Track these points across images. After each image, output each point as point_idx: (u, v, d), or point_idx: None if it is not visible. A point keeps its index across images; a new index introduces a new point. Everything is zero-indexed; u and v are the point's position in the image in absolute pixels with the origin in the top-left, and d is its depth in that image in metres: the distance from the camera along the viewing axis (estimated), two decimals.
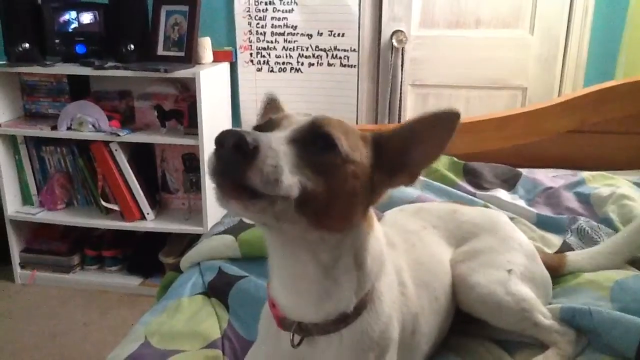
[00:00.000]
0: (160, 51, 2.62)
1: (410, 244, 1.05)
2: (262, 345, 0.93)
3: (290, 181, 0.65)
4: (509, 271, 1.07)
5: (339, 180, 0.71)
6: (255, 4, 2.66)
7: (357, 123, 2.71)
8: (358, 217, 0.77)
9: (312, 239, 0.74)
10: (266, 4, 2.65)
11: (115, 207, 2.67)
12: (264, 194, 0.64)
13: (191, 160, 2.68)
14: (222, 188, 0.65)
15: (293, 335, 0.82)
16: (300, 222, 0.69)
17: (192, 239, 2.79)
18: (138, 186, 2.63)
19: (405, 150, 0.77)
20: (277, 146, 0.66)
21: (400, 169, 0.78)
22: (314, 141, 0.71)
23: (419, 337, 0.97)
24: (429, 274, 1.03)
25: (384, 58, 2.66)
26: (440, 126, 0.74)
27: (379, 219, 1.09)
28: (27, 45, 2.56)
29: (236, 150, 0.62)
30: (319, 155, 0.70)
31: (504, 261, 1.09)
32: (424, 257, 1.05)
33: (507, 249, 1.12)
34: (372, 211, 0.82)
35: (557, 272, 1.25)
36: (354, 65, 2.67)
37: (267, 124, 0.77)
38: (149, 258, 2.77)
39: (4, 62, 2.58)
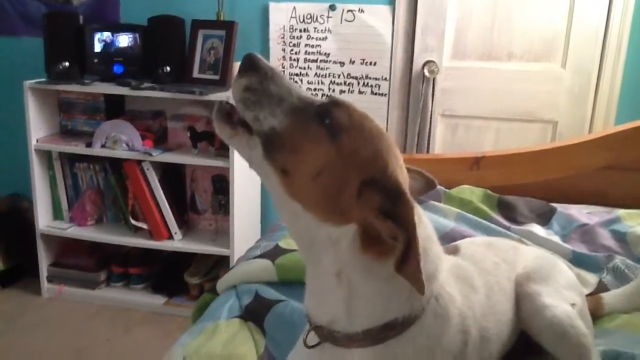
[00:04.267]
0: (195, 74, 2.68)
1: (489, 287, 1.01)
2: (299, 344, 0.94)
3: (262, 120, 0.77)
4: (573, 305, 1.06)
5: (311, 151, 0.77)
6: (290, 31, 2.71)
7: None
8: (324, 215, 0.77)
9: (284, 198, 0.78)
10: (301, 31, 2.70)
11: (144, 226, 2.70)
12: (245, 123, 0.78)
13: (221, 182, 2.71)
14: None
15: (308, 332, 0.86)
16: (265, 165, 0.78)
17: (217, 260, 2.81)
18: (168, 206, 2.66)
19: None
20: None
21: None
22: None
23: None
24: (500, 324, 0.99)
25: (415, 88, 2.69)
26: None
27: (455, 250, 1.09)
28: (67, 64, 2.63)
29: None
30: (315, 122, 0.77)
31: (567, 294, 1.08)
32: (499, 304, 1.00)
33: (567, 285, 1.11)
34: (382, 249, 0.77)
35: (595, 315, 1.23)
36: (385, 94, 2.69)
37: None
38: (174, 277, 2.79)
39: (45, 80, 2.65)
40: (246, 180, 2.65)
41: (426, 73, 2.61)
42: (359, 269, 0.78)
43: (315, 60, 2.73)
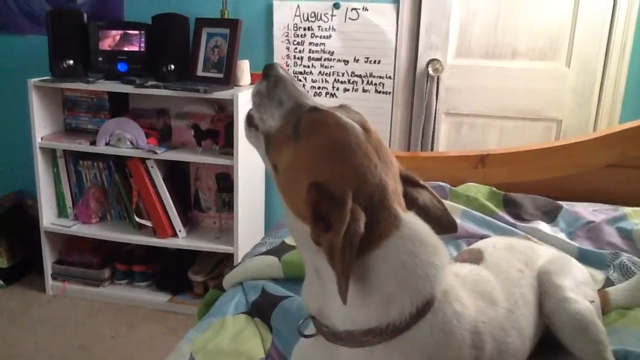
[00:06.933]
0: (199, 72, 2.68)
1: (513, 301, 0.99)
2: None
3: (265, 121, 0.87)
4: (592, 302, 1.06)
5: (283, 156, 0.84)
6: (294, 29, 2.71)
7: None
8: (296, 214, 0.83)
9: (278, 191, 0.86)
10: (305, 29, 2.70)
11: (148, 223, 2.71)
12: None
13: (225, 180, 2.71)
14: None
15: (303, 320, 0.91)
16: (266, 160, 0.88)
17: (221, 258, 2.82)
18: (172, 203, 2.66)
19: None
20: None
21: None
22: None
23: None
24: (523, 338, 0.97)
25: (419, 86, 2.69)
26: None
27: (479, 257, 1.08)
28: (71, 62, 2.64)
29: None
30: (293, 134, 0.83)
31: (585, 290, 1.08)
32: (523, 318, 0.98)
33: (584, 282, 1.11)
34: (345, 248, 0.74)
35: (603, 311, 1.23)
36: (389, 92, 2.69)
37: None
38: (178, 275, 2.80)
39: (49, 78, 2.65)
40: (250, 178, 2.66)
41: (430, 71, 2.62)
42: (328, 269, 0.77)
43: (320, 59, 2.73)
